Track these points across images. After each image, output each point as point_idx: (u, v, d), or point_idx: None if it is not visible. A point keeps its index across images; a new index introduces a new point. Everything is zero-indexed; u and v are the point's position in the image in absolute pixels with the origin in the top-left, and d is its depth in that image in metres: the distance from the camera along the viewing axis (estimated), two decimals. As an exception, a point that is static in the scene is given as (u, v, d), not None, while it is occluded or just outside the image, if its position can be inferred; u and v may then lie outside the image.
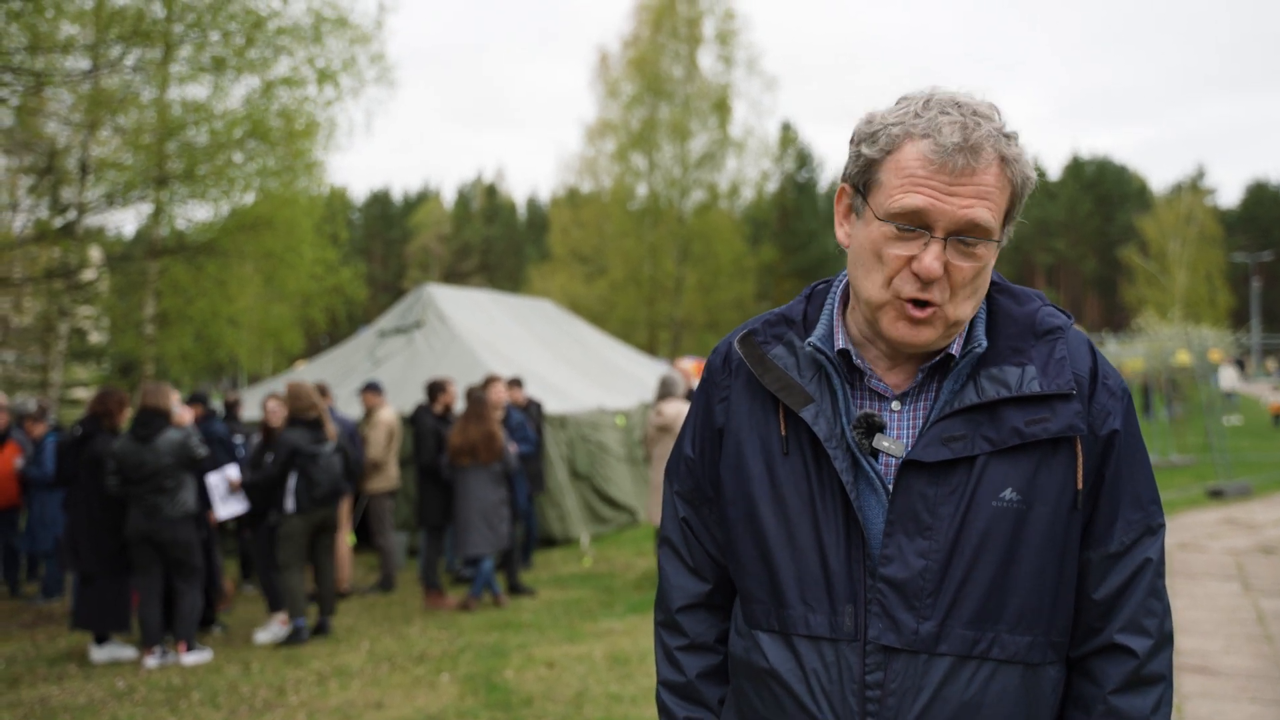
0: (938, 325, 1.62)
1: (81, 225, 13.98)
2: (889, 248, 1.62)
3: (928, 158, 1.58)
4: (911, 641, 1.60)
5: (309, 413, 8.56)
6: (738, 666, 1.80)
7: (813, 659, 1.66)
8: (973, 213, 1.58)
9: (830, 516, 1.67)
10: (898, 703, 1.61)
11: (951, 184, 1.57)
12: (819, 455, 1.69)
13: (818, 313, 1.81)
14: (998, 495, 1.61)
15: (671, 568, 1.95)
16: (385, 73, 16.32)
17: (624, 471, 14.17)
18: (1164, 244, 58.51)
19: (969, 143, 1.57)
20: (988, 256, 1.62)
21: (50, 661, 8.07)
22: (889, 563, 1.62)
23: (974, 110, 1.61)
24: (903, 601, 1.61)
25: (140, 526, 7.81)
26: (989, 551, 1.61)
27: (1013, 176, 1.62)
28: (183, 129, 14.14)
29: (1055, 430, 1.62)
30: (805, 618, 1.67)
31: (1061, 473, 1.63)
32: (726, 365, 1.86)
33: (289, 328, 18.19)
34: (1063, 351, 1.67)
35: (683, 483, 1.93)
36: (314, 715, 6.54)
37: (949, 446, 1.62)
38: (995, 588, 1.61)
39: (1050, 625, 1.65)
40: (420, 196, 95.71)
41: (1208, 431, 18.54)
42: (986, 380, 1.65)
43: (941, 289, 1.60)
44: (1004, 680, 1.61)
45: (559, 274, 44.64)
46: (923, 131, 1.59)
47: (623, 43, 42.53)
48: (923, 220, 1.59)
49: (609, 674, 7.25)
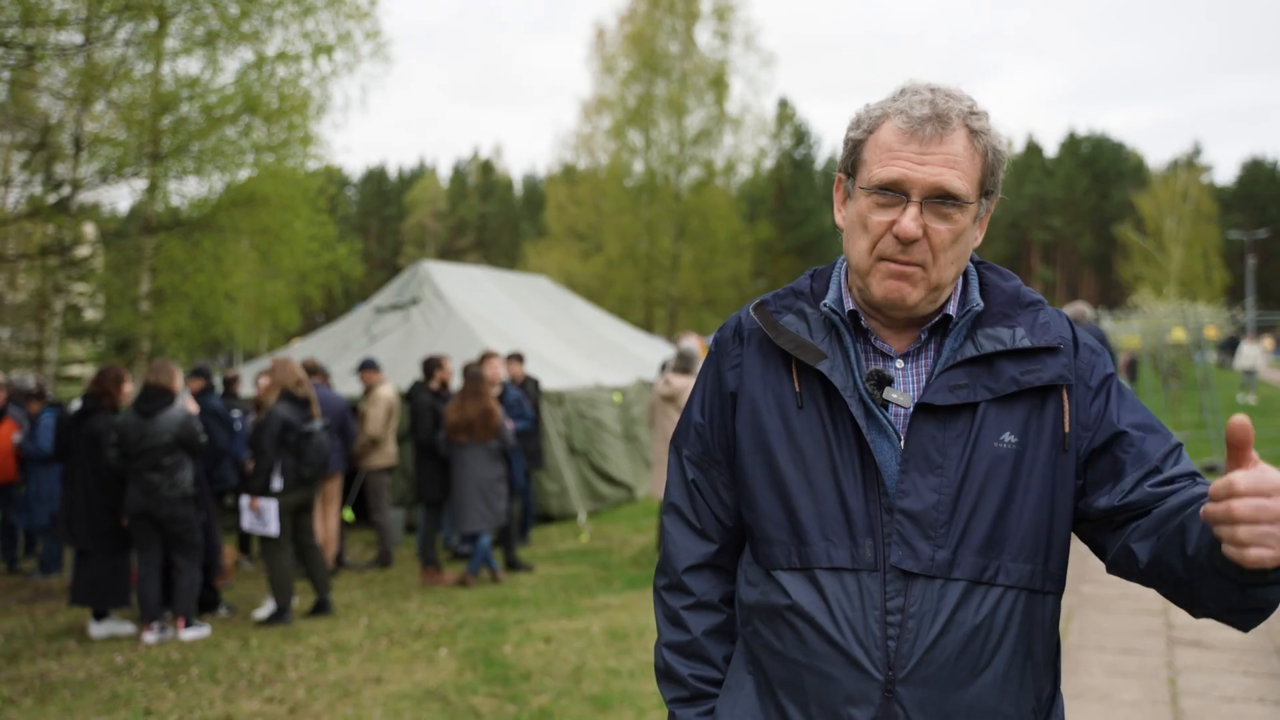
0: (921, 286, 1.78)
1: (76, 201, 13.91)
2: (873, 215, 1.79)
3: (901, 130, 1.76)
4: (929, 567, 1.74)
5: (298, 389, 8.47)
6: (752, 612, 1.90)
7: (835, 589, 1.77)
8: (943, 178, 1.74)
9: (847, 460, 1.80)
10: (917, 625, 1.73)
11: (922, 152, 1.75)
12: (833, 406, 1.83)
13: (824, 287, 1.96)
14: (998, 438, 1.77)
15: (677, 530, 2.04)
16: (381, 48, 16.25)
17: (621, 448, 14.18)
18: (1160, 221, 58.58)
19: (936, 114, 1.75)
20: (964, 221, 1.77)
21: (49, 637, 8.08)
22: (905, 496, 1.76)
23: (947, 93, 1.79)
24: (919, 531, 1.75)
25: (138, 503, 7.81)
26: (992, 488, 1.76)
27: (982, 148, 1.79)
28: (177, 104, 14.06)
29: (1047, 378, 1.79)
30: (827, 552, 1.79)
31: (1052, 418, 1.80)
32: (737, 335, 1.99)
33: (285, 304, 18.14)
34: (1045, 318, 1.86)
35: (692, 447, 2.03)
36: (313, 690, 6.56)
37: (955, 393, 1.78)
38: (999, 519, 1.76)
39: (1048, 556, 1.80)
40: (416, 173, 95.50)
41: (1202, 408, 18.59)
42: (983, 337, 1.82)
43: (922, 250, 1.76)
44: (1009, 605, 1.75)
45: (555, 251, 44.64)
46: (897, 110, 1.78)
47: (619, 19, 42.44)
48: (900, 187, 1.75)
49: (607, 649, 7.27)
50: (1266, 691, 5.90)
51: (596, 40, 42.73)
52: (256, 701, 6.37)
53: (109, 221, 16.56)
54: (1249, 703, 5.73)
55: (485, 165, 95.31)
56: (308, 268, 16.87)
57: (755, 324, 1.95)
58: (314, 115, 15.71)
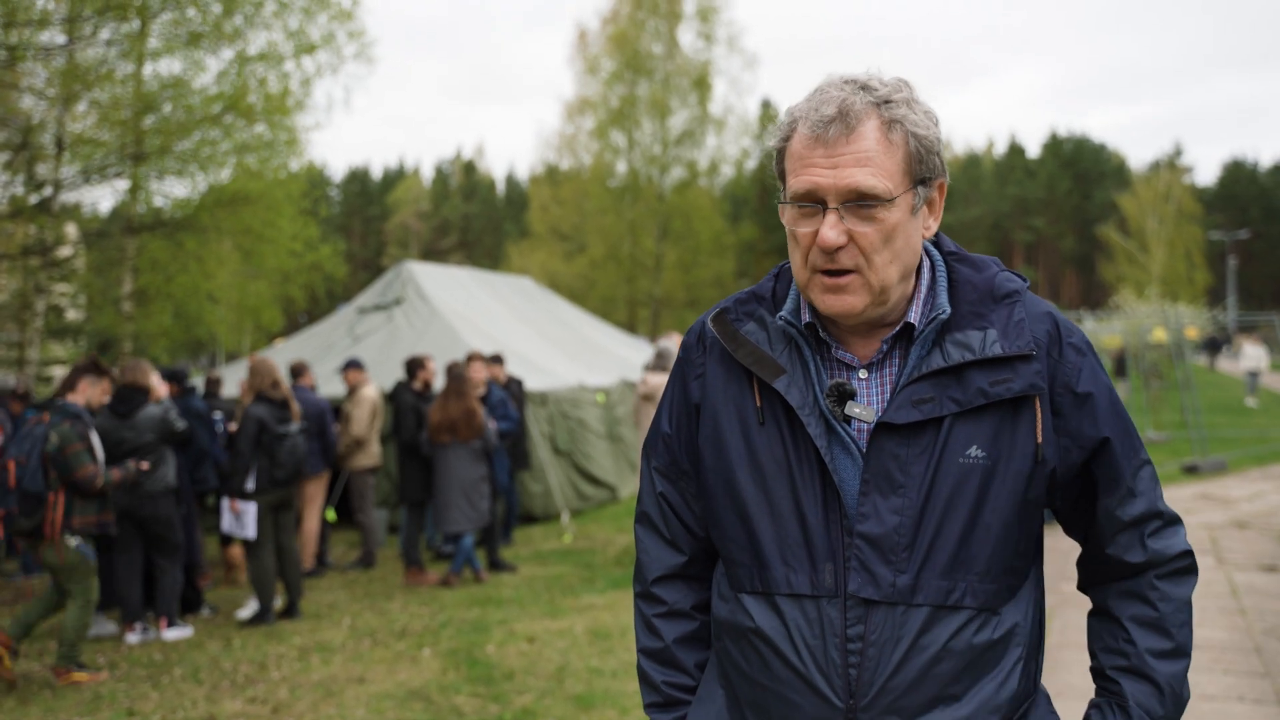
0: (860, 292, 1.70)
1: (57, 201, 13.84)
2: (798, 227, 1.72)
3: (807, 136, 1.68)
4: (889, 594, 1.68)
5: (274, 390, 8.44)
6: (722, 629, 1.87)
7: (796, 616, 1.73)
8: (854, 180, 1.65)
9: (807, 480, 1.74)
10: (878, 653, 1.68)
11: (830, 155, 1.66)
12: (794, 424, 1.76)
13: (786, 289, 1.89)
14: (964, 453, 1.69)
15: (649, 540, 2.02)
16: (364, 49, 16.23)
17: (604, 448, 14.19)
18: (1142, 221, 58.80)
19: (840, 111, 1.65)
20: (893, 218, 1.68)
21: (31, 638, 8.05)
22: (865, 520, 1.69)
23: (861, 84, 1.70)
24: (879, 556, 1.69)
25: (120, 502, 7.79)
26: (958, 506, 1.69)
27: (901, 136, 1.68)
28: (159, 104, 14.01)
29: (1018, 389, 1.70)
30: (787, 577, 1.74)
31: (1024, 429, 1.71)
32: (701, 343, 1.94)
33: (268, 305, 18.08)
34: (1020, 314, 1.75)
35: (660, 458, 1.99)
36: (296, 690, 6.56)
37: (919, 408, 1.69)
38: (965, 539, 1.69)
39: (1013, 571, 1.74)
40: (398, 173, 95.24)
41: (1183, 408, 18.71)
42: (951, 345, 1.72)
43: (851, 255, 1.68)
44: (975, 625, 1.69)
45: (538, 251, 44.57)
46: (804, 114, 1.70)
47: (602, 19, 42.38)
48: (814, 196, 1.68)
49: (590, 648, 7.30)
50: (1247, 690, 5.96)
51: (579, 41, 42.71)
52: (239, 702, 6.37)
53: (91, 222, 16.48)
54: (1229, 700, 5.80)
55: (468, 166, 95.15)
56: (291, 268, 16.82)
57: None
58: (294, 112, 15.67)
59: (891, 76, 1.73)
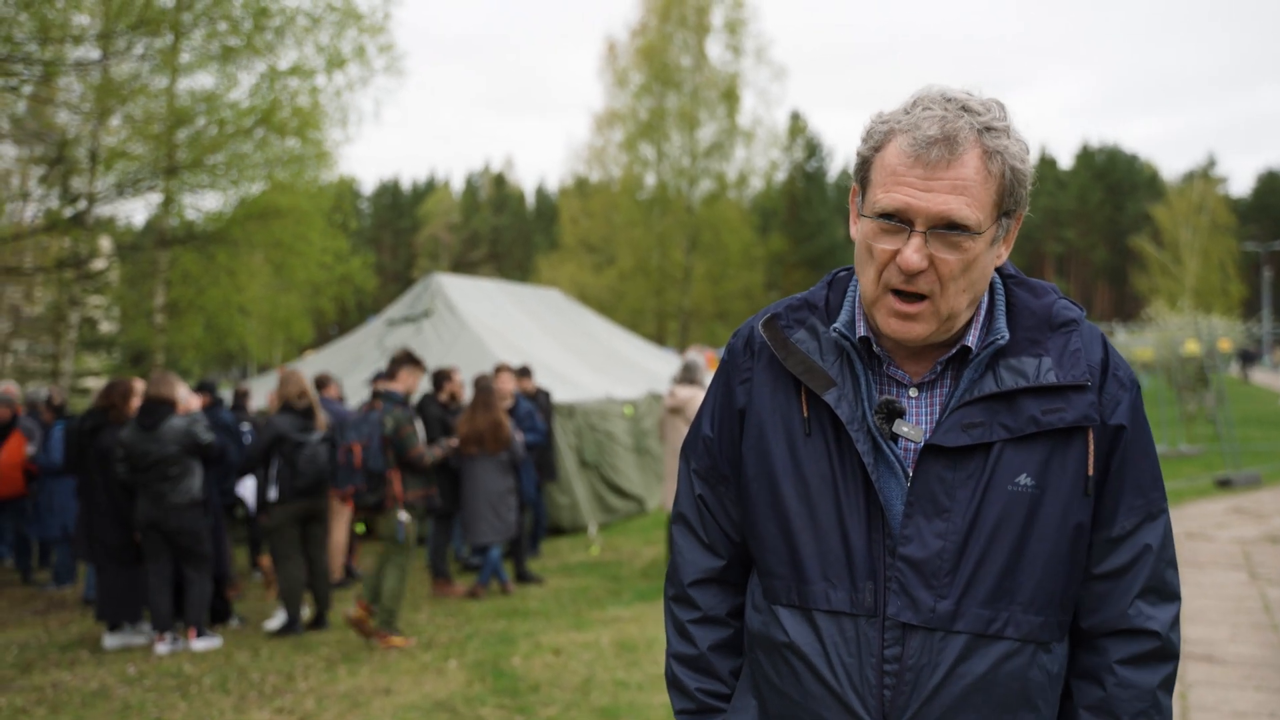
0: (929, 320, 1.67)
1: (92, 215, 14.04)
2: (877, 242, 1.67)
3: (906, 152, 1.63)
4: (929, 619, 1.66)
5: (299, 400, 8.49)
6: (755, 641, 1.85)
7: (832, 633, 1.71)
8: (948, 207, 1.61)
9: (852, 497, 1.72)
10: (915, 677, 1.66)
11: (927, 178, 1.61)
12: (840, 437, 1.74)
13: (840, 299, 1.86)
14: (1013, 480, 1.66)
15: (685, 543, 1.98)
16: (394, 62, 16.37)
17: (632, 461, 14.19)
18: (1176, 233, 58.29)
19: (945, 135, 1.61)
20: (975, 249, 1.64)
21: (62, 648, 8.13)
22: (908, 542, 1.68)
23: (963, 105, 1.65)
24: (921, 580, 1.67)
25: (148, 514, 7.85)
26: (1004, 534, 1.66)
27: (998, 169, 1.65)
28: (192, 118, 14.18)
29: (1070, 420, 1.67)
30: (826, 593, 1.72)
31: (1074, 460, 1.68)
32: (749, 348, 1.90)
33: (298, 317, 18.25)
34: (1077, 343, 1.72)
35: (700, 460, 1.96)
36: (322, 701, 6.59)
37: (968, 433, 1.67)
38: (1010, 569, 1.66)
39: (1062, 606, 1.70)
40: (429, 186, 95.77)
41: (1216, 422, 18.50)
42: (1005, 370, 1.70)
43: (928, 280, 1.65)
44: (1017, 658, 1.66)
45: (568, 263, 44.66)
46: (904, 127, 1.65)
47: (631, 32, 42.52)
48: (903, 216, 1.64)
49: (616, 661, 7.28)
50: (1278, 707, 5.88)
51: (608, 53, 42.86)
52: (267, 712, 6.40)
53: (124, 235, 16.72)
54: (1261, 718, 5.71)
55: (498, 178, 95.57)
56: (321, 280, 16.99)
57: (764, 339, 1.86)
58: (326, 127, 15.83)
59: (988, 97, 1.69)
